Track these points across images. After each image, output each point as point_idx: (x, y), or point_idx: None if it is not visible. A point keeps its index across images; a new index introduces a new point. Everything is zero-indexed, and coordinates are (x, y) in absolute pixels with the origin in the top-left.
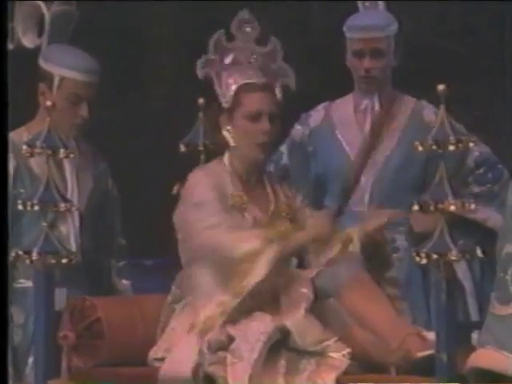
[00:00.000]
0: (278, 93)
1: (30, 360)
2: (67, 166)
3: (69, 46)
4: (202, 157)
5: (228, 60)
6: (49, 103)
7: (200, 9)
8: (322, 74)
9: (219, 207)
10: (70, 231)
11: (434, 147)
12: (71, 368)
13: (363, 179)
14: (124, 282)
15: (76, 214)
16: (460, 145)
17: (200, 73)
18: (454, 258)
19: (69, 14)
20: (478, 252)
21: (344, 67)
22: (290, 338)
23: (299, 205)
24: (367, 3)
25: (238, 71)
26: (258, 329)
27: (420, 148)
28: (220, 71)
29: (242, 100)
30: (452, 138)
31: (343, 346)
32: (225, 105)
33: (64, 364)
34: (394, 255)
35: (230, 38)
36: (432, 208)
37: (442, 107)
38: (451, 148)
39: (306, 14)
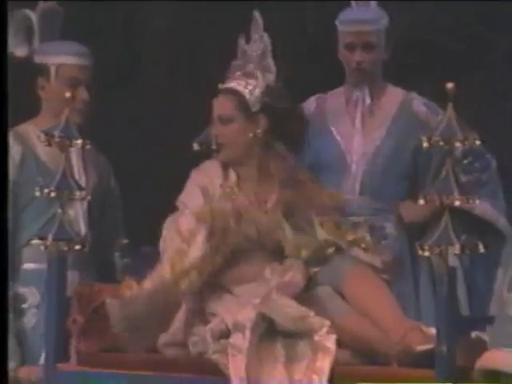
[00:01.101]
0: (248, 94)
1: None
2: (73, 157)
3: (60, 40)
4: (215, 155)
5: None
6: (68, 94)
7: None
8: (315, 67)
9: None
10: (79, 219)
11: (441, 143)
12: (80, 352)
13: (354, 168)
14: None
15: (85, 204)
16: (466, 142)
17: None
18: (456, 251)
19: (54, 11)
20: (480, 247)
21: (336, 60)
22: (275, 322)
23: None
24: (360, 2)
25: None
26: (244, 317)
27: (426, 144)
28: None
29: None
30: (459, 135)
31: (323, 320)
32: None
33: (73, 348)
34: (383, 242)
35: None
36: (437, 202)
37: (450, 105)
38: (457, 145)
39: (301, 12)
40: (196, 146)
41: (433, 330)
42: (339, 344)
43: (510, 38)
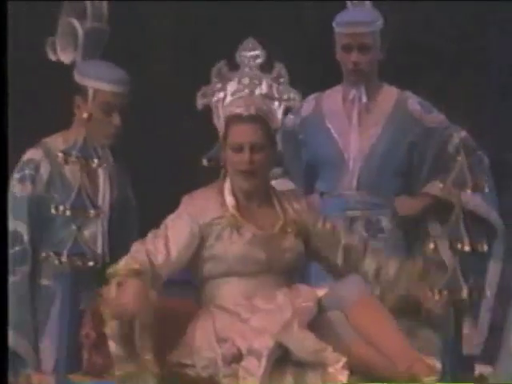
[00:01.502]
0: (271, 122)
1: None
2: (101, 174)
3: (101, 61)
4: (223, 171)
5: (228, 89)
6: (85, 115)
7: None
8: (313, 67)
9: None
10: (97, 236)
11: (454, 190)
12: (91, 364)
13: (351, 165)
14: None
15: (104, 220)
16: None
17: (199, 102)
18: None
19: (101, 30)
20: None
21: (334, 61)
22: (289, 351)
23: (306, 219)
24: (355, 2)
25: (236, 102)
26: (261, 345)
27: (441, 185)
28: (218, 101)
29: (229, 132)
30: (469, 180)
31: (339, 356)
32: (220, 134)
33: (85, 360)
34: (379, 235)
35: (234, 67)
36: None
37: (463, 153)
38: (468, 191)
39: (299, 13)
40: (205, 162)
41: (436, 362)
42: (348, 370)
43: (501, 38)
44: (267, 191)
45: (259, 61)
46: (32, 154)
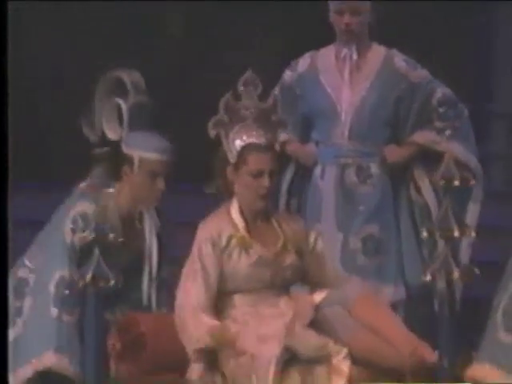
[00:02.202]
0: (278, 146)
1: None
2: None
3: (146, 132)
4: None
5: (234, 119)
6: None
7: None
8: (310, 28)
9: (210, 273)
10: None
11: (441, 182)
12: (118, 373)
13: (343, 116)
14: None
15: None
16: (463, 182)
17: (211, 132)
18: (456, 182)
19: (144, 104)
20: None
21: (328, 22)
22: (297, 352)
23: (304, 236)
24: None
25: (243, 130)
26: (269, 351)
27: (428, 184)
28: (228, 130)
29: (247, 159)
30: (457, 176)
31: (341, 348)
32: (231, 160)
33: (112, 369)
34: (369, 181)
35: (237, 97)
36: (437, 235)
37: (449, 152)
38: (456, 184)
39: None
40: (209, 190)
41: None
42: (353, 361)
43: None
44: (268, 211)
45: (258, 92)
46: (83, 207)
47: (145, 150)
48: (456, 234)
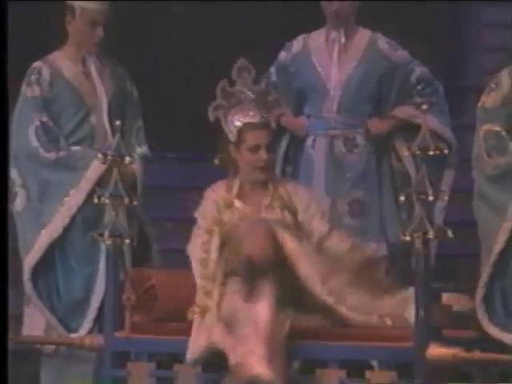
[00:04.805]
0: (273, 124)
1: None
2: (95, 76)
3: None
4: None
5: (232, 102)
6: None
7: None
8: (303, 12)
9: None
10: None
11: (418, 152)
12: (132, 323)
13: (332, 92)
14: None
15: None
16: (437, 151)
17: (211, 115)
18: (431, 153)
19: None
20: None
21: (319, 8)
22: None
23: (293, 199)
24: None
25: (240, 112)
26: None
27: (407, 153)
28: (226, 113)
29: (244, 137)
30: (432, 146)
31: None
32: (232, 139)
33: (127, 319)
34: (355, 150)
35: (232, 83)
36: (414, 198)
37: (424, 124)
38: (431, 153)
39: None
40: (217, 161)
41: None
42: None
43: None
44: (268, 179)
45: (252, 77)
46: (34, 64)
47: (85, 0)
48: (431, 198)
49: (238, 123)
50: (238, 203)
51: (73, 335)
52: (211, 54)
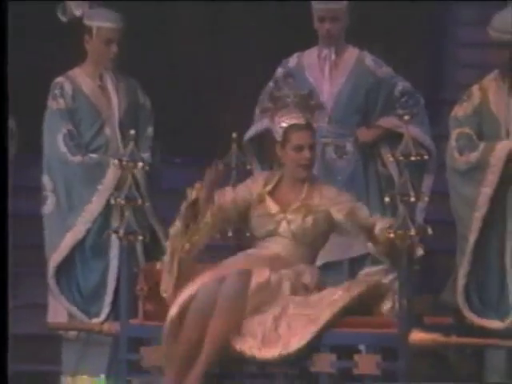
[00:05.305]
0: (315, 125)
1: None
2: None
3: (101, 8)
4: (234, 172)
5: (278, 105)
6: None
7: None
8: (297, 34)
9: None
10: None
11: (401, 158)
12: (145, 311)
13: (324, 104)
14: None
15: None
16: (418, 157)
17: (257, 118)
18: (413, 158)
19: None
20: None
21: (313, 28)
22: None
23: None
24: None
25: (286, 114)
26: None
27: (391, 159)
28: (273, 115)
29: (290, 137)
30: (413, 152)
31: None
32: (278, 139)
33: (140, 308)
34: (345, 157)
35: (278, 87)
36: (398, 200)
37: (407, 133)
38: (412, 159)
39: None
40: (221, 165)
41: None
42: None
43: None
44: (307, 179)
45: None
46: (56, 80)
47: (100, 21)
48: (413, 199)
49: (284, 124)
50: (268, 200)
51: (94, 321)
52: (217, 67)
